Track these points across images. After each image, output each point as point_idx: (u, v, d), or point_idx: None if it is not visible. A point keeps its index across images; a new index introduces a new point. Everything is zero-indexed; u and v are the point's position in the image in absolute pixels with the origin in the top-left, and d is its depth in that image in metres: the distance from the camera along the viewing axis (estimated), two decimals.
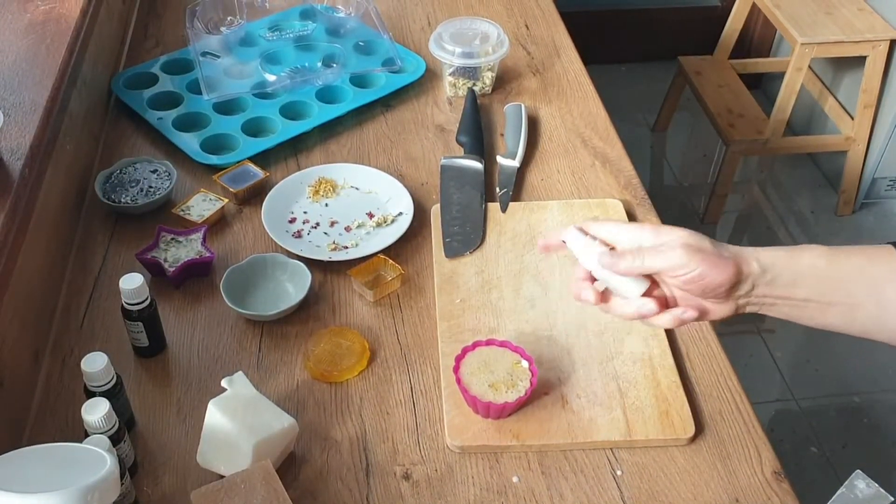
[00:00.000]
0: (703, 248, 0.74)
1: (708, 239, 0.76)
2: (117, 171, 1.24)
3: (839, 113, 2.60)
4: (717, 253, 0.75)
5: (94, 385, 0.87)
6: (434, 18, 1.68)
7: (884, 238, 2.58)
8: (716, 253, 0.74)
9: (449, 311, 1.06)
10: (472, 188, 1.25)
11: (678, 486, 0.89)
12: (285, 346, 1.04)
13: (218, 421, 0.87)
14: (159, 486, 0.89)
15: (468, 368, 0.94)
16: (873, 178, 2.61)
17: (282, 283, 1.10)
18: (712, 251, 0.75)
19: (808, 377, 2.15)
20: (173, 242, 1.13)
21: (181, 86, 1.43)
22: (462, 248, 1.15)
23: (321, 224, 1.20)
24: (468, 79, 1.44)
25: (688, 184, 2.82)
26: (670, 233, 0.76)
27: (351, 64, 1.47)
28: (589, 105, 1.45)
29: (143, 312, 0.97)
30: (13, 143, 1.00)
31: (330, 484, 0.89)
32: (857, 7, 2.47)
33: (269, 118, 1.37)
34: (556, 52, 1.59)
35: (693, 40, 2.95)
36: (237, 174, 1.25)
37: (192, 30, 1.49)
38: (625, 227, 0.78)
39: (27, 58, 1.15)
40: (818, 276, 0.76)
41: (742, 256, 0.75)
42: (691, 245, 0.74)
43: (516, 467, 0.91)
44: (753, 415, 0.96)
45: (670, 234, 0.76)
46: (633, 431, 0.93)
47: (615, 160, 1.33)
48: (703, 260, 0.74)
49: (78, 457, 0.74)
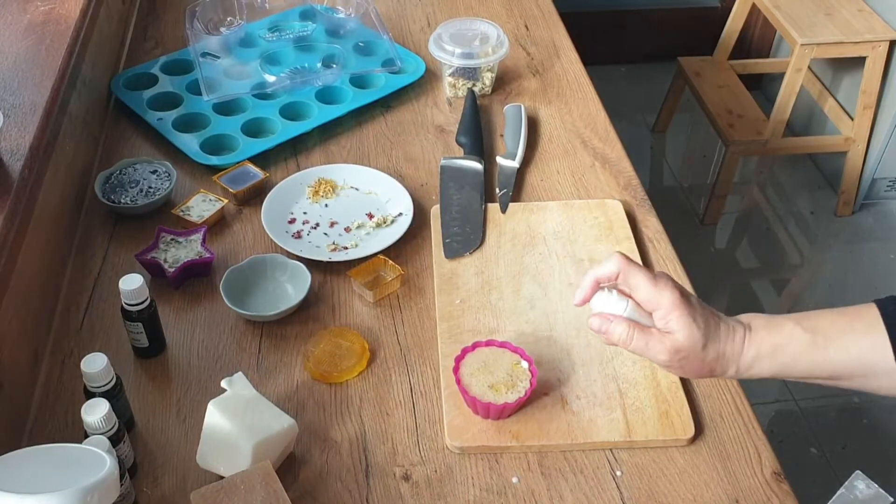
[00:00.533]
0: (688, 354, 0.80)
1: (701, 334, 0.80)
2: (117, 172, 1.24)
3: (839, 113, 2.60)
4: (701, 358, 0.80)
5: (93, 386, 0.87)
6: (434, 19, 1.68)
7: (883, 238, 2.59)
8: (700, 358, 0.80)
9: (449, 311, 1.06)
10: (472, 189, 1.25)
11: (678, 486, 0.89)
12: (285, 347, 1.04)
13: (218, 422, 0.87)
14: (159, 487, 0.89)
15: (468, 369, 0.94)
16: (873, 178, 2.61)
17: (281, 283, 1.10)
18: (697, 356, 0.80)
19: None
20: (173, 243, 1.13)
21: (181, 86, 1.43)
22: (462, 248, 1.15)
23: (321, 225, 1.20)
24: (468, 79, 1.44)
25: (687, 184, 2.82)
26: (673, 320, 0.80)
27: (351, 65, 1.47)
28: (589, 106, 1.45)
29: (142, 313, 0.97)
30: (13, 143, 1.00)
31: (329, 485, 0.89)
32: (856, 8, 2.47)
33: (269, 119, 1.37)
34: (555, 53, 1.59)
35: (693, 41, 2.95)
36: (237, 175, 1.25)
37: (191, 30, 1.49)
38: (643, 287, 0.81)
39: (27, 58, 1.15)
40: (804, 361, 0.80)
41: (725, 359, 0.81)
42: (680, 349, 0.80)
43: (516, 468, 0.91)
44: (753, 416, 0.97)
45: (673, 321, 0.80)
46: (633, 432, 0.93)
47: (615, 161, 1.33)
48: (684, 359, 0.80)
49: (77, 457, 0.74)
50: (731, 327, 0.81)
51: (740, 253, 2.61)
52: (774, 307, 2.37)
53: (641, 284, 0.81)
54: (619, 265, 0.81)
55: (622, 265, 0.81)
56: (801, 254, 2.57)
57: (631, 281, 0.81)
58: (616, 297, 0.82)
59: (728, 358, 0.81)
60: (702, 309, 0.81)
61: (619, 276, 0.81)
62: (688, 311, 0.79)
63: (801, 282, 2.48)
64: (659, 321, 0.81)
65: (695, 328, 0.79)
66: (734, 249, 2.62)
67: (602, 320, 0.82)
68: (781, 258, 2.55)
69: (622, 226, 1.18)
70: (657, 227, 1.21)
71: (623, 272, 0.81)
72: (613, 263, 0.81)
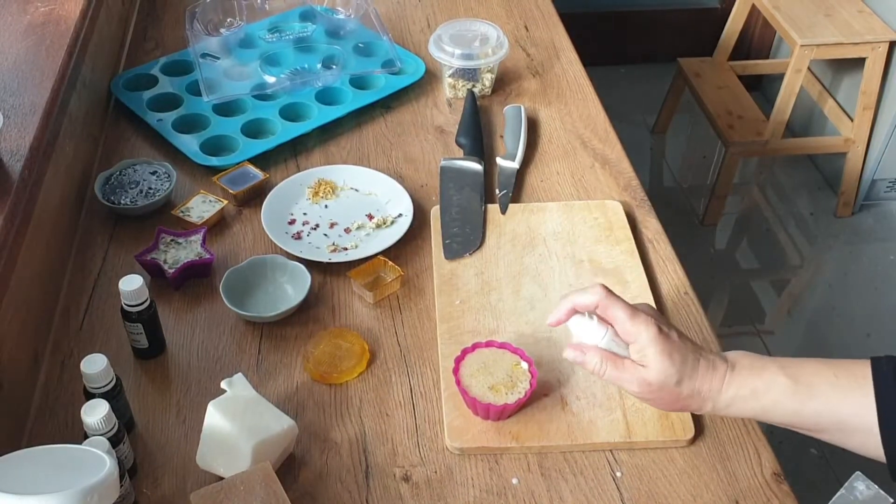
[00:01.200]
0: (661, 387, 0.82)
1: (675, 370, 0.81)
2: (117, 173, 1.24)
3: (838, 114, 2.60)
4: (676, 393, 0.82)
5: (93, 386, 0.87)
6: (434, 20, 1.68)
7: (883, 239, 2.59)
8: (673, 393, 0.82)
9: (448, 312, 1.06)
10: (472, 190, 1.25)
11: (678, 487, 0.89)
12: (285, 348, 1.04)
13: (217, 422, 0.87)
14: (159, 488, 0.89)
15: (468, 370, 0.94)
16: (872, 179, 2.61)
17: (281, 284, 1.10)
18: (670, 391, 0.82)
19: None
20: (173, 244, 1.13)
21: (181, 87, 1.43)
22: (462, 249, 1.15)
23: (321, 226, 1.20)
24: (468, 80, 1.44)
25: (687, 185, 2.82)
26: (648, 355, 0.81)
27: (350, 65, 1.47)
28: (588, 107, 1.46)
29: (142, 314, 0.97)
30: (13, 144, 1.00)
31: (329, 485, 0.89)
32: (856, 9, 2.47)
33: (269, 120, 1.37)
34: (555, 54, 1.59)
35: (692, 42, 2.96)
36: (237, 176, 1.25)
37: (191, 31, 1.49)
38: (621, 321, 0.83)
39: (27, 59, 1.15)
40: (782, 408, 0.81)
41: (701, 397, 0.82)
42: (652, 383, 0.81)
43: (516, 469, 0.91)
44: None
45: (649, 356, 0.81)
46: (633, 433, 0.93)
47: (615, 162, 1.33)
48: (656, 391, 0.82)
49: (77, 458, 0.74)
50: (712, 364, 0.82)
51: (740, 254, 2.61)
52: (774, 308, 2.38)
53: (620, 318, 0.82)
54: (599, 297, 0.82)
55: (601, 297, 0.82)
56: (801, 254, 2.57)
57: (609, 313, 0.83)
58: (596, 324, 0.84)
59: (704, 396, 0.82)
60: (681, 345, 0.82)
61: (599, 307, 0.83)
62: (664, 348, 0.80)
63: (800, 283, 2.48)
64: (634, 354, 0.82)
65: (669, 364, 0.80)
66: (734, 250, 2.62)
67: (576, 352, 0.85)
68: (781, 259, 2.55)
69: (622, 226, 1.18)
70: (657, 228, 1.21)
71: (602, 304, 0.83)
72: (593, 294, 0.83)
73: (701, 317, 1.08)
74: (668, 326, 0.83)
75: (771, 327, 2.27)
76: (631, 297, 1.07)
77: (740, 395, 0.81)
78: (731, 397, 0.81)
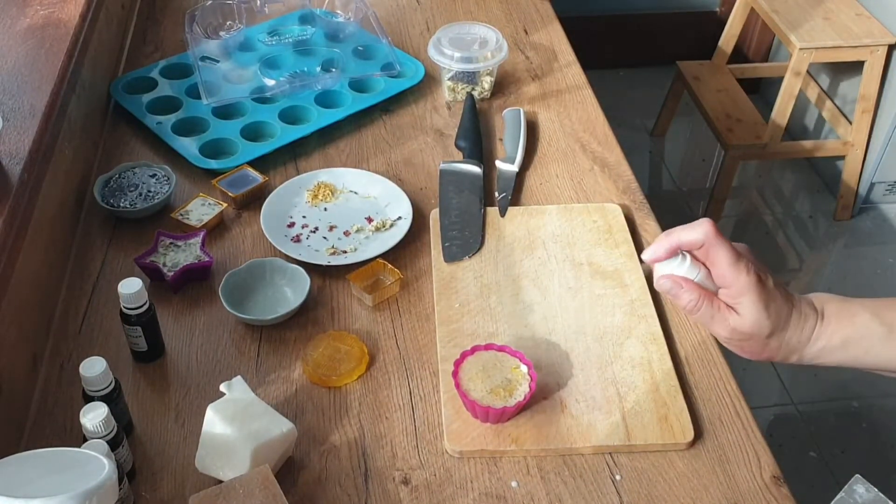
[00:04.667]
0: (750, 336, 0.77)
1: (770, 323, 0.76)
2: (116, 176, 1.24)
3: (837, 118, 2.60)
4: (764, 343, 0.78)
5: (92, 390, 0.86)
6: (433, 23, 1.68)
7: (882, 242, 2.59)
8: (762, 343, 0.78)
9: (448, 315, 1.06)
10: (471, 193, 1.25)
11: (677, 490, 0.89)
12: (284, 351, 1.04)
13: (216, 426, 0.86)
14: (158, 492, 0.89)
15: (467, 373, 0.94)
16: (871, 182, 2.62)
17: (280, 287, 1.10)
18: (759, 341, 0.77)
19: (807, 382, 2.15)
20: (172, 247, 1.13)
21: (180, 90, 1.43)
22: (461, 252, 1.15)
23: (320, 228, 1.20)
24: (467, 83, 1.44)
25: (686, 188, 2.82)
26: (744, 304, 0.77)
27: (350, 69, 1.47)
28: (588, 110, 1.46)
29: (141, 317, 0.97)
30: (12, 147, 1.00)
31: (328, 489, 0.89)
32: (854, 12, 2.47)
33: (268, 123, 1.37)
34: (554, 57, 1.59)
35: (691, 45, 2.96)
36: (236, 179, 1.25)
37: (191, 34, 1.49)
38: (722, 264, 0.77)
39: (26, 62, 1.15)
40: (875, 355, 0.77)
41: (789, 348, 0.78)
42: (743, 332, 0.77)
43: (515, 472, 0.91)
44: (752, 419, 0.96)
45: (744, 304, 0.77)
46: (633, 436, 0.93)
47: (614, 165, 1.33)
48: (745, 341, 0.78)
49: (76, 462, 0.74)
50: (803, 316, 0.78)
51: None
52: None
53: (721, 261, 0.76)
54: (705, 235, 0.76)
55: (708, 236, 0.76)
56: (800, 258, 2.57)
57: (712, 253, 0.76)
58: (689, 264, 0.77)
59: (792, 347, 0.78)
60: (777, 294, 0.77)
61: (703, 249, 0.77)
62: (761, 297, 0.76)
63: (799, 285, 2.48)
64: (728, 298, 0.77)
65: (764, 316, 0.76)
66: None
67: (674, 284, 0.77)
68: (780, 262, 2.55)
69: (621, 229, 1.18)
70: (656, 231, 1.21)
71: (708, 245, 0.76)
72: (700, 231, 0.76)
73: None
74: (765, 273, 0.77)
75: None
76: (630, 300, 1.08)
77: (830, 345, 0.77)
78: (820, 349, 0.78)
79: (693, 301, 0.77)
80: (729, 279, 0.76)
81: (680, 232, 0.77)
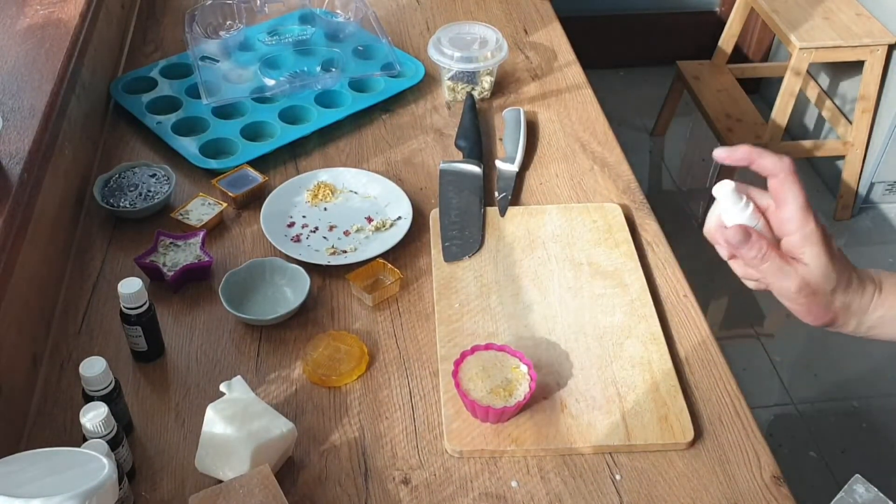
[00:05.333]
0: (816, 291, 0.72)
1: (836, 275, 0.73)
2: (116, 176, 1.24)
3: (837, 117, 2.60)
4: (828, 301, 0.73)
5: (92, 389, 0.86)
6: (433, 23, 1.68)
7: (882, 242, 2.59)
8: (826, 301, 0.73)
9: (448, 315, 1.06)
10: (471, 192, 1.25)
11: (677, 490, 0.89)
12: (284, 351, 1.04)
13: (216, 426, 0.86)
14: (157, 491, 0.89)
15: (467, 373, 0.94)
16: (871, 182, 2.61)
17: (280, 287, 1.10)
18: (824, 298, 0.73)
19: (806, 382, 2.15)
20: (172, 247, 1.13)
21: (180, 90, 1.43)
22: (461, 252, 1.15)
23: (320, 228, 1.20)
24: (467, 83, 1.44)
25: (686, 188, 2.82)
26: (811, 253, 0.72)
27: (350, 68, 1.47)
28: (588, 110, 1.46)
29: (141, 317, 0.97)
30: (12, 147, 1.00)
31: (328, 489, 0.89)
32: (854, 12, 2.47)
33: (268, 122, 1.37)
34: (554, 57, 1.59)
35: (691, 45, 2.96)
36: (236, 178, 1.25)
37: (191, 34, 1.49)
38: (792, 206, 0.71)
39: (26, 62, 1.15)
40: None
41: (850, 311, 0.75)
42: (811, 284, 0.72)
43: (515, 472, 0.91)
44: (752, 419, 0.96)
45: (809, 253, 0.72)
46: (632, 436, 0.93)
47: (614, 165, 1.33)
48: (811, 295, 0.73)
49: (76, 462, 0.74)
50: (863, 282, 0.75)
51: None
52: (773, 311, 2.37)
53: (793, 202, 0.70)
54: (783, 167, 0.70)
55: (785, 170, 0.70)
56: None
57: (784, 192, 0.71)
58: (752, 211, 0.72)
59: (853, 311, 0.75)
60: (839, 254, 0.74)
61: (776, 180, 0.71)
62: (827, 249, 0.71)
63: None
64: (793, 247, 0.72)
65: (830, 268, 0.71)
66: None
67: (741, 234, 0.71)
68: None
69: (621, 229, 1.18)
70: (656, 231, 1.21)
71: (783, 178, 0.70)
72: (780, 163, 0.70)
73: (700, 319, 1.08)
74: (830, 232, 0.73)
75: (770, 330, 2.27)
76: (630, 300, 1.08)
77: (889, 316, 0.75)
78: (879, 318, 0.75)
79: (760, 249, 0.71)
80: (796, 224, 0.71)
81: (760, 151, 0.71)
